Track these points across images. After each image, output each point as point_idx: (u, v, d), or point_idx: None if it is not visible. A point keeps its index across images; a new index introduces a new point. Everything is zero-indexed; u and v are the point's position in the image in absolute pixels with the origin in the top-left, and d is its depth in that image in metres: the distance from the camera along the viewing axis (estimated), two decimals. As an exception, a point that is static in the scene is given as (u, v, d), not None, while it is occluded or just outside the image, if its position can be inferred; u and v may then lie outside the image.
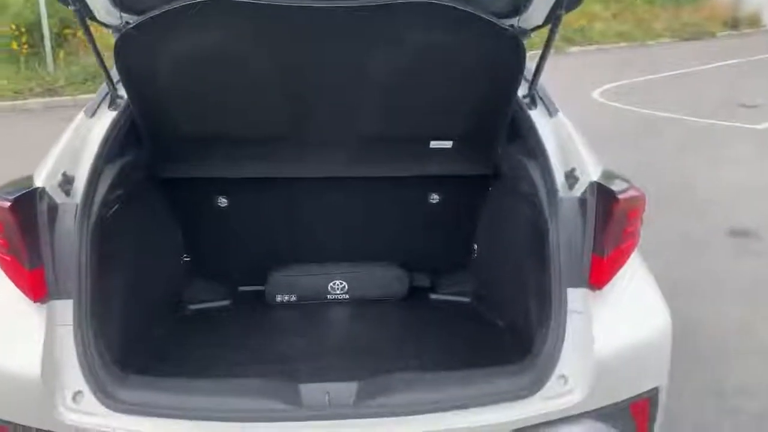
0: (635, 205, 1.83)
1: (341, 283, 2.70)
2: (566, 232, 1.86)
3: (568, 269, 1.84)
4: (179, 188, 2.50)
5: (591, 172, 1.95)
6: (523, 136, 2.23)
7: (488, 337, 2.37)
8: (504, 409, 1.73)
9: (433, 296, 2.74)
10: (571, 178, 1.96)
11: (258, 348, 2.28)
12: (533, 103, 2.28)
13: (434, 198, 2.69)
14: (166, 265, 2.56)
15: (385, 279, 2.73)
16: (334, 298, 2.70)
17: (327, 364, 2.16)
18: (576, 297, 1.82)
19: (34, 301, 1.70)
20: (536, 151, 2.09)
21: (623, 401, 1.83)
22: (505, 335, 2.36)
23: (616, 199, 1.77)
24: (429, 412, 1.71)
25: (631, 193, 1.81)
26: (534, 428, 1.77)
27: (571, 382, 1.76)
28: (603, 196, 1.83)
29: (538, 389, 1.75)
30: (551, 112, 2.23)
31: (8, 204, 1.64)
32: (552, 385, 1.76)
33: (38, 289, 1.70)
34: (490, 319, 2.49)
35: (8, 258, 1.70)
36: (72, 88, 9.53)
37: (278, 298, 2.68)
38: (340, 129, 2.31)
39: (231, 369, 2.08)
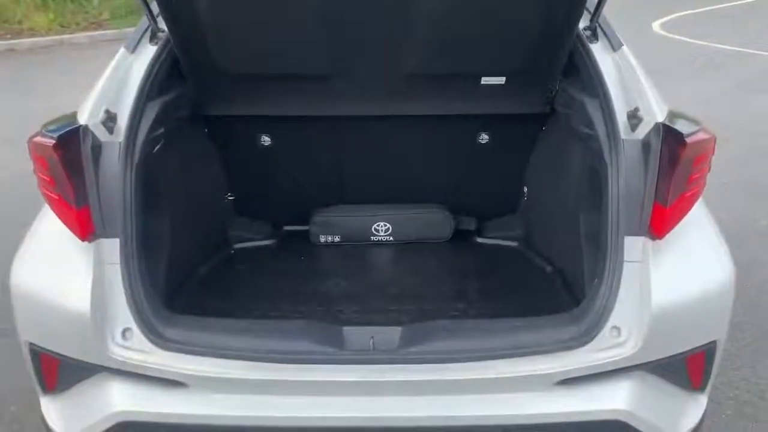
0: (704, 150, 1.69)
1: (385, 225, 2.66)
2: (626, 177, 1.74)
3: (627, 216, 1.73)
4: (222, 126, 2.46)
5: (656, 112, 1.80)
6: (582, 72, 2.08)
7: (536, 283, 2.31)
8: (551, 359, 1.69)
9: (480, 240, 2.67)
10: (634, 118, 1.82)
11: (302, 288, 2.29)
12: (594, 36, 2.11)
13: (483, 138, 2.58)
14: (210, 203, 2.55)
15: (430, 221, 2.68)
16: (378, 240, 2.67)
17: (370, 307, 2.15)
18: (633, 246, 1.73)
19: (82, 240, 1.71)
20: (596, 88, 1.95)
21: (679, 354, 1.77)
22: (553, 282, 2.29)
23: (684, 143, 1.64)
24: (473, 360, 1.68)
25: (701, 136, 1.67)
26: (583, 379, 1.73)
27: (624, 333, 1.70)
28: (669, 138, 1.70)
29: (589, 340, 1.69)
30: (614, 46, 2.07)
31: (53, 142, 1.63)
32: (604, 336, 1.69)
33: (85, 228, 1.71)
34: (539, 265, 2.43)
35: (55, 196, 1.70)
36: (116, 22, 9.54)
37: (322, 239, 2.67)
38: (386, 65, 2.20)
39: (275, 309, 2.10)
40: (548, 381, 1.72)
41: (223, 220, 2.63)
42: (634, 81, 1.93)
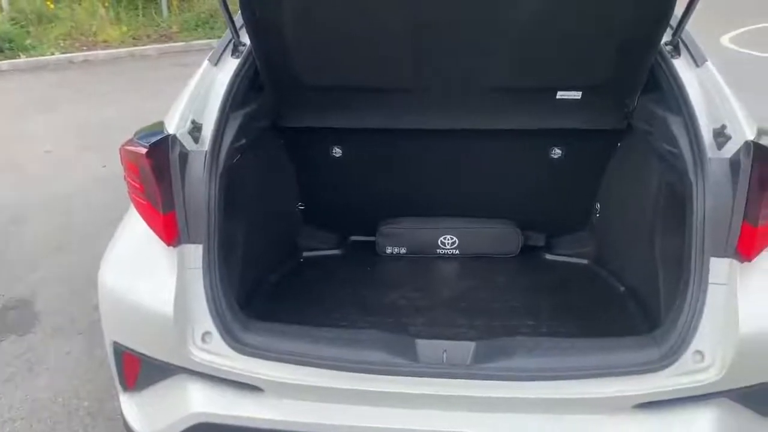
0: None
1: (452, 238, 2.66)
2: (713, 197, 1.69)
3: (712, 237, 1.68)
4: (296, 137, 2.51)
5: (745, 129, 1.75)
6: (663, 88, 2.04)
7: (608, 303, 2.26)
8: (630, 381, 1.65)
9: (549, 256, 2.64)
10: (721, 136, 1.76)
11: (370, 299, 2.30)
12: (676, 51, 2.06)
13: (556, 153, 2.55)
14: (283, 212, 2.61)
15: (497, 236, 2.66)
16: (444, 253, 2.67)
17: (439, 321, 2.15)
18: (720, 267, 1.67)
19: (167, 245, 1.77)
20: (679, 104, 1.90)
21: (766, 383, 1.69)
22: (626, 302, 2.24)
23: None
24: (548, 379, 1.66)
25: None
26: (662, 404, 1.68)
27: (708, 358, 1.64)
28: (760, 157, 1.64)
29: (670, 363, 1.64)
30: (697, 61, 2.02)
31: (145, 150, 1.69)
32: (686, 360, 1.64)
33: (171, 233, 1.76)
34: (610, 284, 2.37)
35: (144, 202, 1.77)
36: (184, 34, 9.89)
37: (388, 250, 2.68)
38: (464, 80, 2.22)
39: (345, 319, 2.12)
40: (626, 404, 1.67)
41: (294, 229, 2.68)
42: (720, 97, 1.87)
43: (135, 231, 1.86)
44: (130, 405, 1.94)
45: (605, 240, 2.52)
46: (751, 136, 1.72)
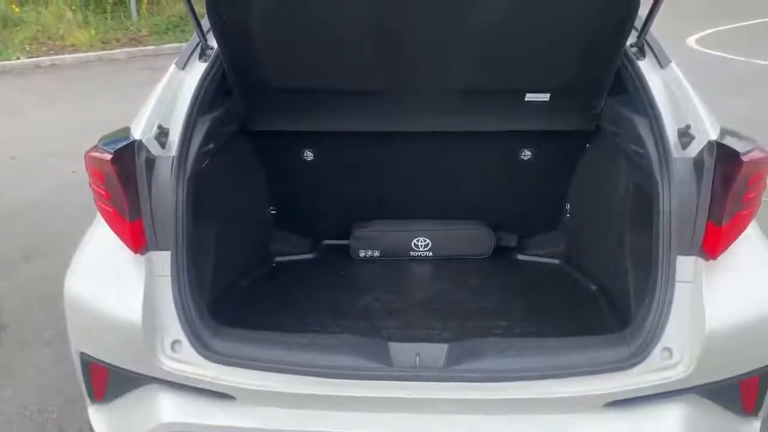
0: (760, 168, 1.65)
1: (425, 241, 2.66)
2: (678, 196, 1.71)
3: (679, 236, 1.70)
4: (267, 141, 2.49)
5: (708, 129, 1.78)
6: (629, 90, 2.07)
7: (580, 302, 2.28)
8: (601, 380, 1.66)
9: (521, 257, 2.66)
10: (685, 136, 1.79)
11: (343, 302, 2.29)
12: (642, 53, 2.09)
13: (526, 154, 2.58)
14: (254, 217, 2.58)
15: (470, 237, 2.68)
16: (418, 255, 2.67)
17: (412, 323, 2.15)
18: (686, 266, 1.70)
19: (135, 252, 1.74)
20: (645, 105, 1.93)
21: (732, 378, 1.73)
22: (598, 301, 2.26)
23: (739, 161, 1.61)
24: (520, 379, 1.67)
25: (757, 154, 1.63)
26: (632, 401, 1.70)
27: (676, 355, 1.67)
28: (723, 156, 1.67)
29: (639, 361, 1.66)
30: (662, 63, 2.05)
31: (110, 156, 1.66)
32: (654, 357, 1.67)
33: (138, 241, 1.74)
34: (582, 283, 2.40)
35: (110, 209, 1.73)
36: (154, 38, 9.77)
37: (361, 253, 2.68)
38: (434, 82, 2.22)
39: (317, 323, 2.10)
40: (597, 402, 1.69)
41: (265, 233, 2.66)
42: (684, 98, 1.91)
43: (102, 238, 1.82)
44: (99, 417, 1.90)
45: (576, 240, 2.55)
46: (714, 135, 1.75)
